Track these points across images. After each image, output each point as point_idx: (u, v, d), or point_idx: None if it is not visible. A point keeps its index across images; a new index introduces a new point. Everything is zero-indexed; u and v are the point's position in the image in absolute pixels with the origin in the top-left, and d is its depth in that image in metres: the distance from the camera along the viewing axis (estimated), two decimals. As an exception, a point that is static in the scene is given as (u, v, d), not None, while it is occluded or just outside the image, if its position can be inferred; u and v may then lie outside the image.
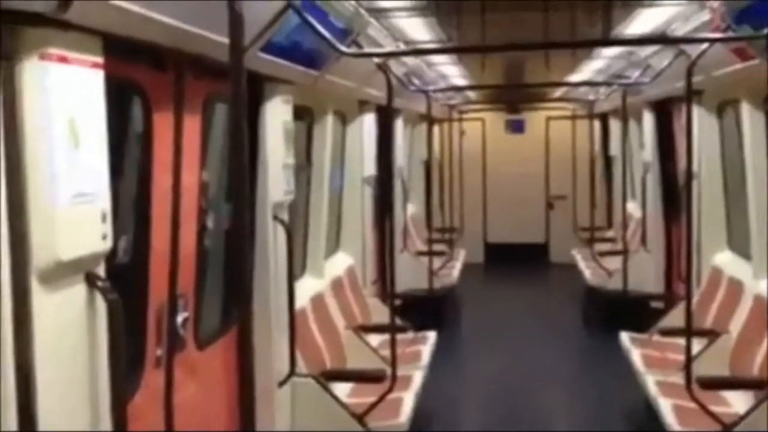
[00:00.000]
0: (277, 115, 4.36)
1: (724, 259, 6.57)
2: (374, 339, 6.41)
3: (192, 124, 3.50)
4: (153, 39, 2.78)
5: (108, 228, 2.43)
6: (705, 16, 5.02)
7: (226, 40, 2.53)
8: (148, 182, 3.18)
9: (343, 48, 4.32)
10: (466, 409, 7.04)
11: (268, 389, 4.31)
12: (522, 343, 9.16)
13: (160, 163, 3.22)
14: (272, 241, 4.38)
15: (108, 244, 2.44)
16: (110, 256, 2.55)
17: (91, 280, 2.38)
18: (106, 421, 2.43)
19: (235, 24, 2.47)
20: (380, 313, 6.86)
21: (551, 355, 8.64)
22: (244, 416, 2.49)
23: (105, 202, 2.42)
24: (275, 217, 4.40)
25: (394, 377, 4.81)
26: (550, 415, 6.91)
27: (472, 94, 12.81)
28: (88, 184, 2.32)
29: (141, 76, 3.11)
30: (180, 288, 3.37)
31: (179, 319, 3.40)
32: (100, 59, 2.41)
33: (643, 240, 8.90)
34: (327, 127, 6.24)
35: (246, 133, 2.53)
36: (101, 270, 2.45)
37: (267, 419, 4.27)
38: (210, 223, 3.99)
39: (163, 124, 3.24)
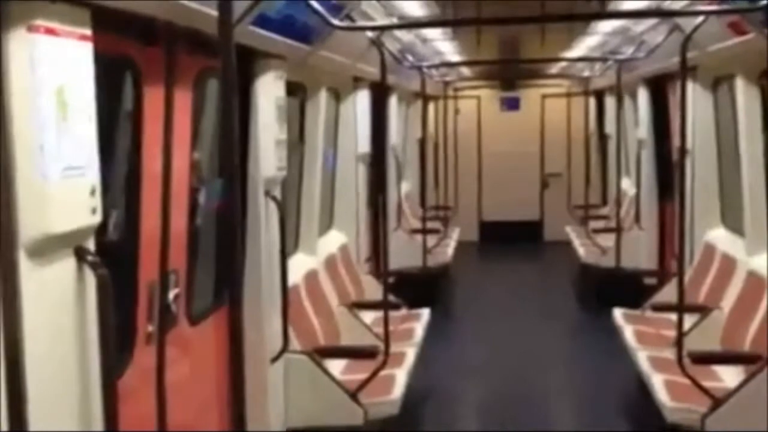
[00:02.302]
0: (269, 91, 4.33)
1: (718, 236, 6.58)
2: (368, 316, 6.42)
3: (183, 100, 3.48)
4: (141, 10, 2.75)
5: (97, 202, 2.41)
6: (700, -10, 4.99)
7: (216, 13, 2.50)
8: (139, 157, 3.16)
9: (336, 22, 4.28)
10: (459, 385, 7.07)
11: (260, 365, 4.31)
12: (516, 320, 9.18)
13: (150, 139, 3.20)
14: (264, 218, 4.37)
15: (97, 219, 2.42)
16: (100, 232, 2.53)
17: (80, 254, 2.36)
18: (96, 398, 2.42)
19: (225, -4, 2.44)
20: (374, 291, 6.87)
21: (545, 332, 8.67)
22: (234, 392, 2.49)
23: (94, 175, 2.40)
24: (267, 194, 4.39)
25: (387, 354, 4.82)
26: (543, 392, 6.94)
27: (467, 71, 12.76)
28: (77, 158, 2.30)
29: (131, 51, 3.08)
30: (171, 264, 3.36)
31: (171, 295, 3.39)
32: (88, 31, 2.38)
33: (637, 217, 8.91)
34: (320, 103, 6.21)
35: (237, 108, 2.51)
36: (91, 244, 2.44)
37: (260, 395, 4.27)
38: (202, 199, 3.98)
39: (153, 99, 3.21)
